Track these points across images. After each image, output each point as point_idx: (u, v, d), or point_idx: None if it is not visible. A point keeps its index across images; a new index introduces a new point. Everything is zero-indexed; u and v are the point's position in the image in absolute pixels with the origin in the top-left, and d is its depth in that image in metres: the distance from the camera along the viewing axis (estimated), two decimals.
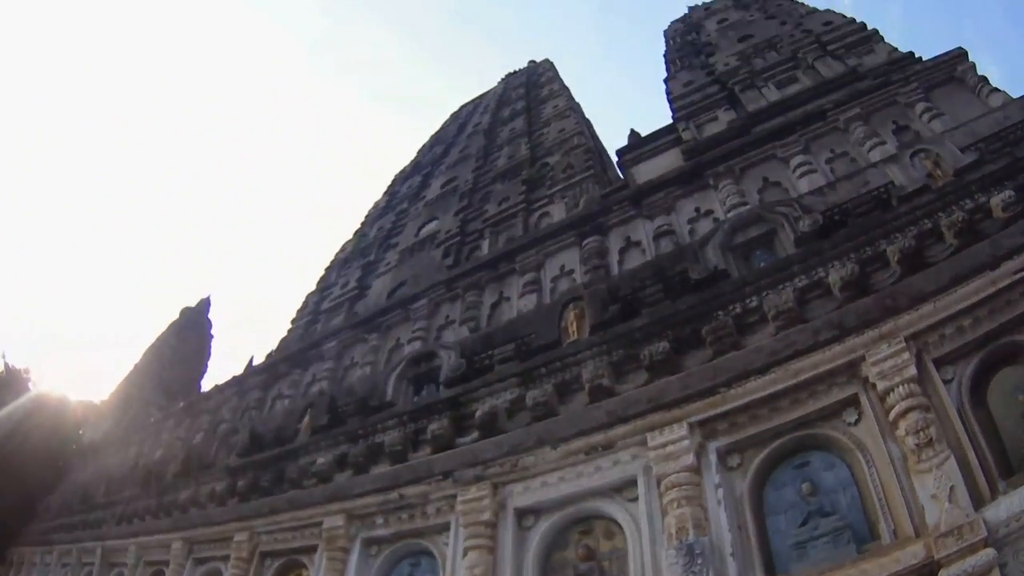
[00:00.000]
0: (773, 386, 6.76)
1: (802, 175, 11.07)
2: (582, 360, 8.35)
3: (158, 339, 33.47)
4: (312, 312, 20.83)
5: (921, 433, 5.82)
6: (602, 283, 10.38)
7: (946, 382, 6.27)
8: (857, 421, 6.55)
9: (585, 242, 12.82)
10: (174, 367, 31.81)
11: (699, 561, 5.92)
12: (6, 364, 34.42)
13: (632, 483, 7.16)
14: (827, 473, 6.50)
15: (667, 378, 7.56)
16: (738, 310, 7.48)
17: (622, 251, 12.23)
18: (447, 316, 14.58)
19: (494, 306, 13.65)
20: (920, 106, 11.29)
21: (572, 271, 12.72)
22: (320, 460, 10.81)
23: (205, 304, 36.29)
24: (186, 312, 34.96)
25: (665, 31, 24.13)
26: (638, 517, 6.89)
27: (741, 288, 7.73)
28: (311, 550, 10.13)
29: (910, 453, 5.91)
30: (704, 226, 11.37)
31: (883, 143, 10.76)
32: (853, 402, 6.67)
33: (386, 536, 9.22)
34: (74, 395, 34.90)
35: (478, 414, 8.96)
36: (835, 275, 7.23)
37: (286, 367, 17.22)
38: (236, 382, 18.49)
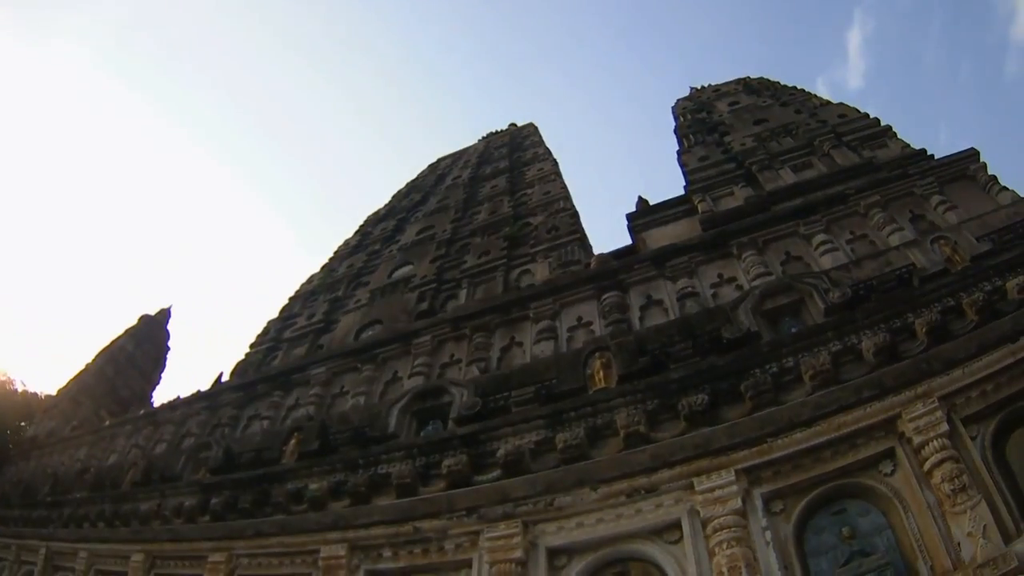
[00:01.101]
0: (817, 438, 7.50)
1: (824, 252, 12.02)
2: (615, 407, 8.74)
3: (113, 343, 33.10)
4: (274, 339, 21.16)
5: (955, 480, 6.70)
6: (625, 336, 10.92)
7: (972, 438, 7.26)
8: (893, 471, 7.37)
9: (604, 296, 13.36)
10: (128, 374, 31.54)
11: None
12: None
13: (675, 526, 7.50)
14: (863, 519, 7.23)
15: (712, 427, 8.13)
16: (775, 369, 8.19)
17: (643, 308, 12.86)
18: (452, 355, 14.74)
19: (504, 349, 13.98)
20: (935, 198, 12.49)
21: (590, 323, 13.21)
22: (313, 486, 10.74)
23: (166, 314, 36.09)
24: (145, 320, 34.71)
25: (673, 108, 25.72)
26: (682, 559, 7.23)
27: (777, 349, 8.49)
28: None
29: (945, 498, 6.70)
30: (727, 292, 12.27)
31: (901, 229, 11.83)
32: (889, 455, 7.50)
33: (392, 570, 9.18)
34: (21, 385, 35.10)
35: (500, 452, 9.14)
36: (868, 342, 8.15)
37: (265, 387, 17.17)
38: (206, 396, 18.39)
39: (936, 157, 14.04)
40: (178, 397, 19.87)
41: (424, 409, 11.78)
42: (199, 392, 19.24)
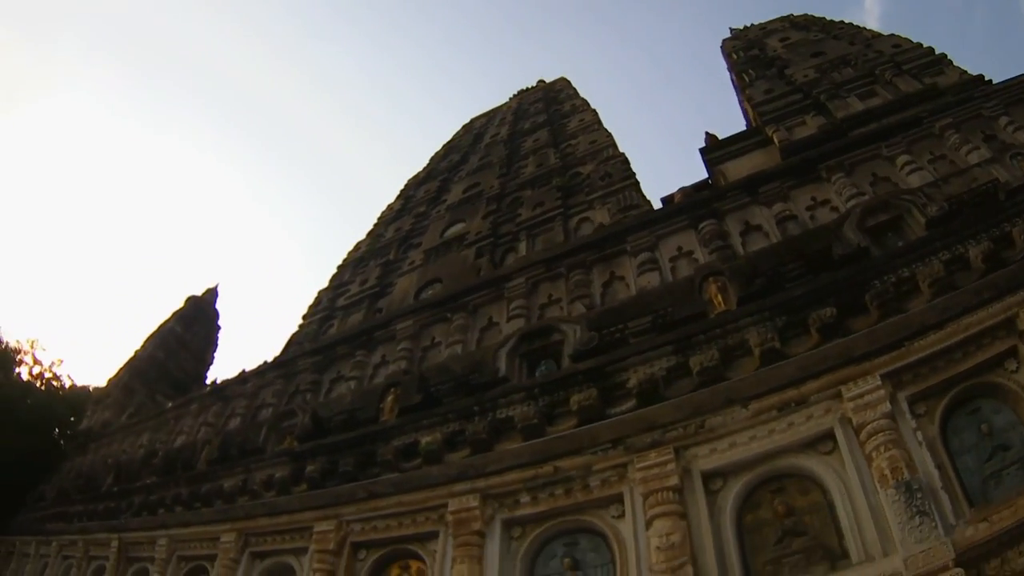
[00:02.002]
0: (948, 339, 7.57)
1: (911, 172, 12.35)
2: (743, 327, 8.70)
3: (162, 327, 32.89)
4: (326, 308, 21.34)
5: None
6: (736, 260, 11.24)
7: None
8: (1017, 369, 7.46)
9: (701, 225, 13.28)
10: (180, 356, 31.47)
11: (919, 496, 6.49)
12: (3, 340, 33.99)
13: (827, 436, 7.53)
14: (996, 416, 7.35)
15: (844, 338, 8.20)
16: (893, 279, 8.34)
17: (743, 234, 12.89)
18: (550, 295, 14.43)
19: (605, 285, 13.82)
20: (1003, 119, 12.75)
21: (691, 252, 13.14)
22: (425, 439, 10.46)
23: (213, 294, 36.02)
24: (192, 301, 34.53)
25: (722, 47, 27.04)
26: (839, 468, 7.28)
27: (892, 261, 8.66)
28: (427, 537, 9.63)
29: None
30: (824, 213, 12.50)
31: (978, 148, 12.13)
32: (1012, 353, 7.53)
33: (532, 516, 8.85)
34: (68, 380, 35.02)
35: (631, 383, 8.96)
36: (974, 250, 8.38)
37: (346, 348, 16.81)
38: (279, 364, 18.00)
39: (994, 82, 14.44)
40: (243, 371, 19.31)
41: (533, 350, 11.58)
42: (269, 362, 18.72)
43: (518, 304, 14.54)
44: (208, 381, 25.30)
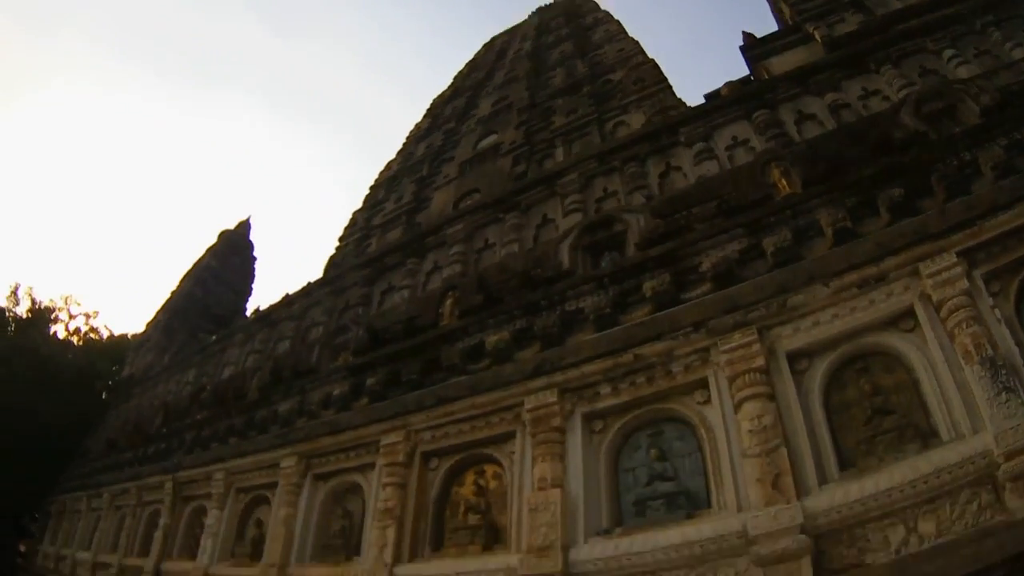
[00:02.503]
0: (1018, 219, 7.48)
1: (958, 64, 12.24)
2: (814, 208, 8.83)
3: (196, 265, 33.88)
4: (363, 228, 21.99)
5: None
6: (797, 146, 11.22)
7: None
8: None
9: (755, 115, 13.37)
10: (218, 291, 32.39)
11: (1003, 372, 6.55)
12: (33, 300, 34.78)
13: (908, 313, 7.57)
14: None
15: (914, 217, 8.22)
16: (955, 162, 8.39)
17: (797, 122, 12.95)
18: (605, 188, 14.60)
19: (662, 176, 13.95)
20: None
21: (747, 140, 13.30)
22: (492, 339, 10.52)
23: (246, 226, 37.01)
24: (226, 235, 35.48)
25: None
26: (922, 345, 7.34)
27: (952, 145, 8.67)
28: (503, 439, 9.57)
29: None
30: (876, 103, 12.36)
31: (1021, 44, 11.98)
32: None
33: (614, 407, 8.75)
34: (106, 331, 35.94)
35: (705, 266, 9.07)
36: None
37: (395, 258, 17.01)
38: (326, 283, 18.17)
39: None
40: (287, 294, 19.50)
41: (595, 242, 11.68)
42: (313, 282, 18.90)
43: (573, 199, 14.65)
44: (249, 313, 25.63)
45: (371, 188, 25.08)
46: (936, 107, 9.99)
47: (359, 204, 24.74)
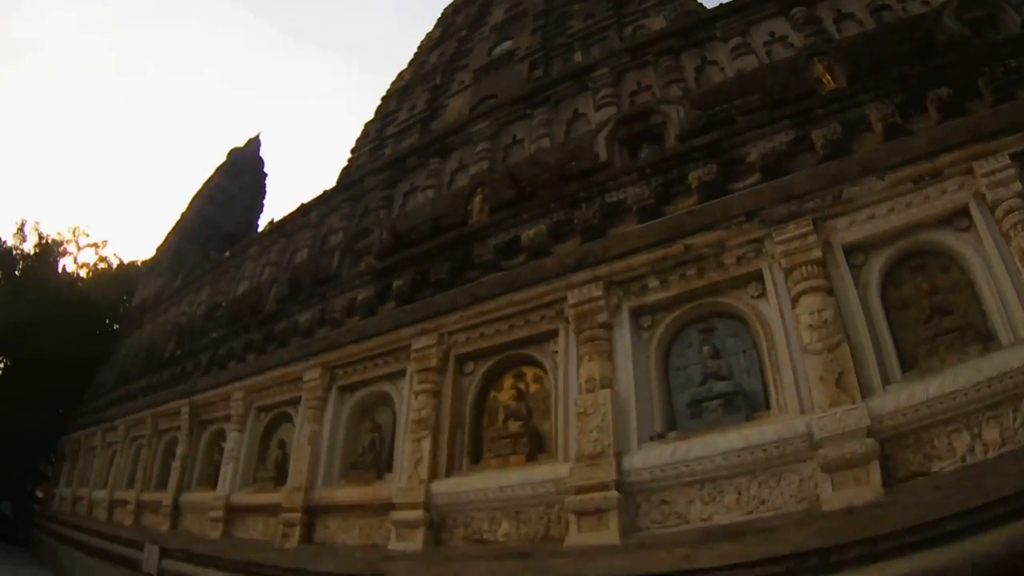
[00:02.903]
0: None
1: None
2: (862, 102, 8.74)
3: (206, 184, 33.94)
4: (376, 139, 22.08)
5: None
6: (839, 43, 11.00)
7: None
8: None
9: (792, 11, 13.24)
10: (229, 209, 32.59)
11: None
12: (40, 235, 34.86)
13: (962, 212, 7.49)
14: None
15: (962, 118, 8.08)
16: (1001, 69, 8.18)
17: (836, 20, 12.77)
18: (639, 82, 14.50)
19: (698, 70, 13.90)
20: None
21: (785, 36, 13.23)
22: (528, 233, 10.41)
23: (256, 143, 37.08)
24: (235, 152, 35.42)
25: None
26: (977, 244, 7.26)
27: (996, 51, 8.48)
28: (544, 338, 9.37)
29: None
30: (914, 7, 11.98)
31: None
32: None
33: (663, 301, 8.60)
34: (115, 260, 36.09)
35: (752, 157, 8.98)
36: None
37: (416, 159, 16.97)
38: (343, 188, 18.26)
39: None
40: (302, 204, 19.37)
41: (632, 135, 11.55)
42: (329, 189, 18.82)
43: (605, 93, 14.37)
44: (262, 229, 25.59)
45: (383, 99, 25.17)
46: (977, 14, 9.76)
47: (370, 117, 24.97)
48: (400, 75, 26.43)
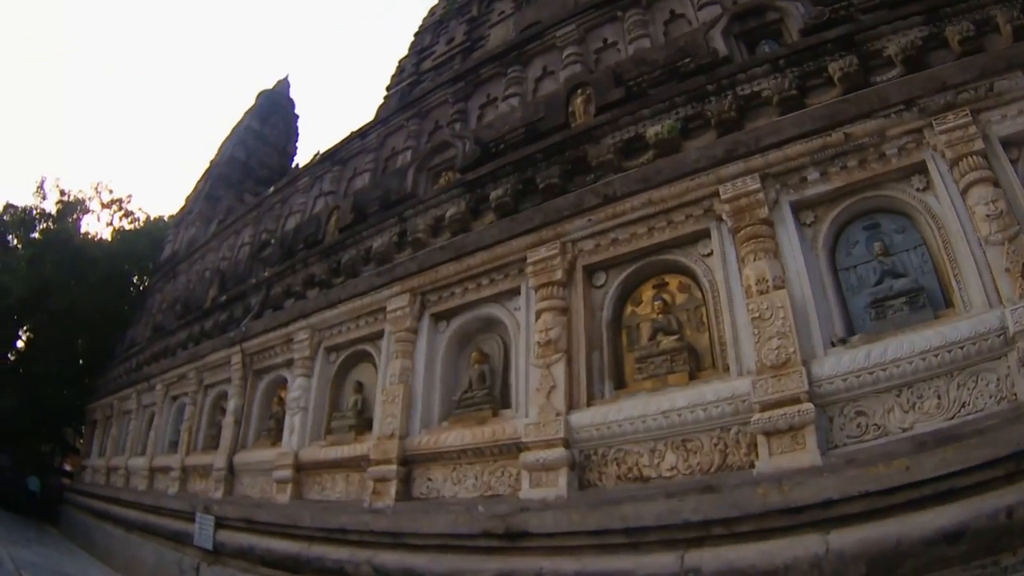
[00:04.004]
0: None
1: None
2: (986, 4, 8.31)
3: (236, 128, 33.65)
4: (412, 74, 21.47)
5: None
6: None
7: None
8: None
9: None
10: (261, 153, 32.31)
11: None
12: (61, 191, 34.16)
13: None
14: None
15: None
16: None
17: None
18: None
19: None
20: None
21: None
22: (652, 130, 9.64)
23: (285, 85, 36.74)
24: (264, 95, 35.08)
25: None
26: None
27: None
28: (693, 240, 8.67)
29: None
30: None
31: None
32: None
33: (825, 195, 8.14)
34: (141, 214, 36.31)
35: (890, 51, 8.58)
36: None
37: (492, 69, 16.25)
38: (408, 106, 17.40)
39: None
40: (352, 132, 18.80)
41: (745, 32, 11.03)
42: (386, 113, 18.21)
43: None
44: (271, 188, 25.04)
45: (415, 35, 24.58)
46: None
47: (403, 53, 24.56)
48: (432, 10, 25.78)
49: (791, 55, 9.07)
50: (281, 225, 18.92)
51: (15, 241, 33.75)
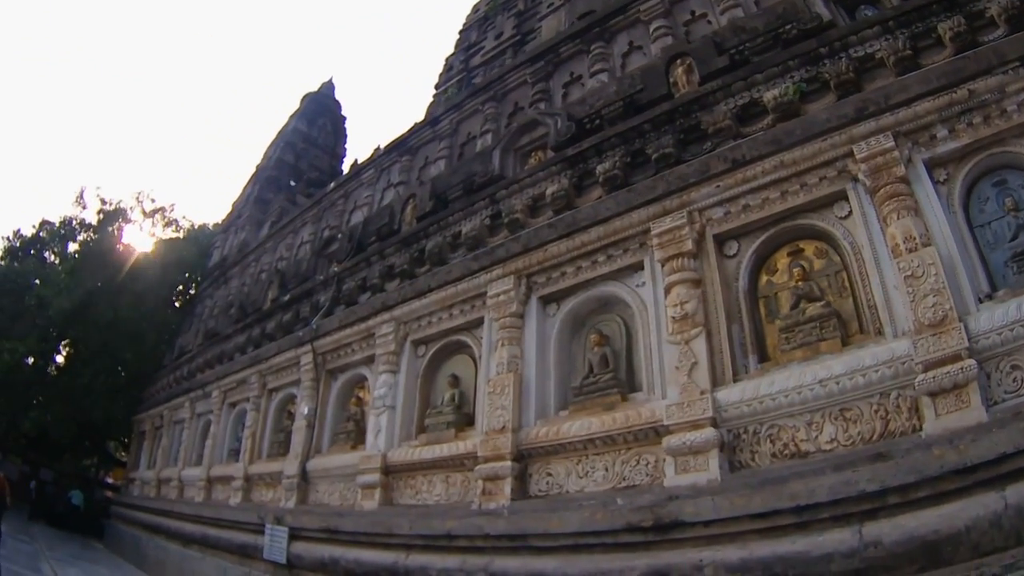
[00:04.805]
0: None
1: None
2: None
3: (282, 132, 33.82)
4: (461, 71, 21.88)
5: None
6: None
7: None
8: None
9: None
10: (310, 154, 32.47)
11: None
12: (102, 201, 34.16)
13: None
14: None
15: None
16: None
17: None
18: None
19: None
20: None
21: None
22: (771, 94, 9.53)
23: (329, 87, 36.93)
24: (310, 97, 35.36)
25: None
26: None
27: None
28: (827, 202, 8.51)
29: None
30: None
31: None
32: None
33: (954, 152, 8.02)
34: (185, 222, 36.41)
35: (993, 11, 8.45)
36: None
37: (574, 46, 16.06)
38: (482, 89, 17.42)
39: None
40: (415, 123, 18.80)
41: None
42: (458, 99, 18.01)
43: None
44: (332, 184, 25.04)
45: (460, 32, 25.10)
46: None
47: (450, 51, 24.79)
48: (475, 7, 26.05)
49: (900, 16, 8.95)
50: (346, 220, 18.70)
51: (52, 257, 33.99)
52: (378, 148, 19.71)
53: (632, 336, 9.10)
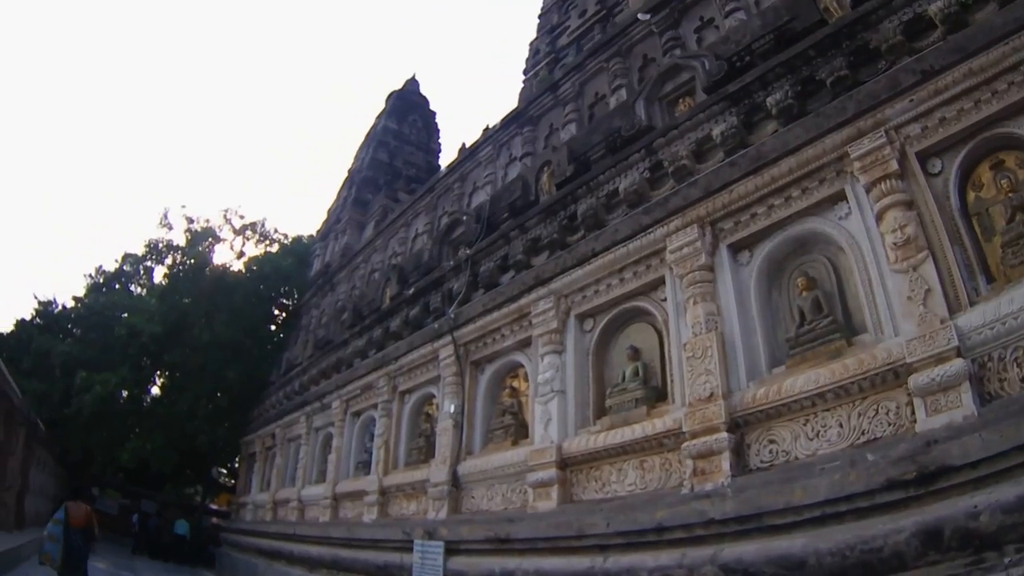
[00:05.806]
0: None
1: None
2: None
3: (371, 133, 34.39)
4: (548, 53, 21.88)
5: None
6: None
7: None
8: None
9: None
10: (405, 152, 32.89)
11: None
12: (189, 221, 34.53)
13: None
14: None
15: None
16: None
17: None
18: None
19: None
20: None
21: None
22: (934, 7, 9.03)
23: (413, 83, 37.41)
24: (395, 95, 35.81)
25: None
26: None
27: None
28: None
29: None
30: None
31: None
32: None
33: None
34: (278, 236, 37.17)
35: None
36: None
37: (665, 22, 15.68)
38: (600, 48, 17.07)
39: None
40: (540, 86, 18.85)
41: None
42: (578, 59, 17.82)
43: None
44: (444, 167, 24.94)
45: (540, 16, 25.05)
46: None
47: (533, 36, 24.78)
48: None
49: None
50: (466, 203, 18.58)
51: (139, 289, 35.22)
52: (486, 127, 19.74)
53: (841, 275, 8.72)
